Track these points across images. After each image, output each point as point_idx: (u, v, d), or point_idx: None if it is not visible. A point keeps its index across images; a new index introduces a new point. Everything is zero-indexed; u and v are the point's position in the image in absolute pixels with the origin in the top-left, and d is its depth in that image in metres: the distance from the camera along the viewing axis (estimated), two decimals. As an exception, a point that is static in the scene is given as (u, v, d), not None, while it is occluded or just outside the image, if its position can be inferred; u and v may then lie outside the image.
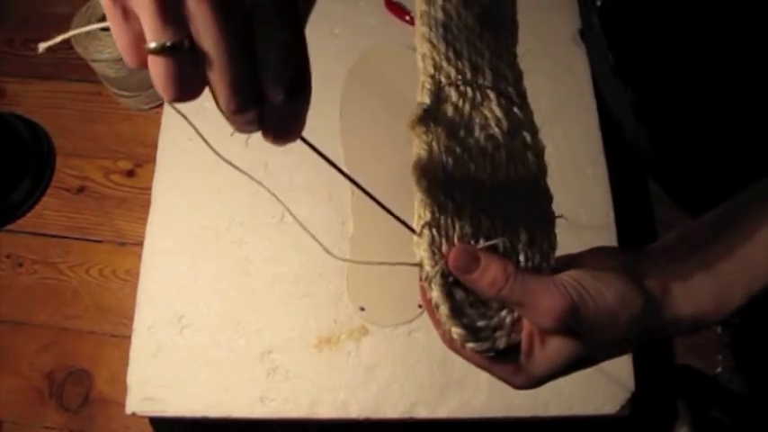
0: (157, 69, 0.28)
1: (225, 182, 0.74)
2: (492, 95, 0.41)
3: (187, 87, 0.29)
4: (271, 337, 0.67)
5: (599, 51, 0.77)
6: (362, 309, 0.67)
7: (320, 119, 0.76)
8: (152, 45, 0.27)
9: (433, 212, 0.39)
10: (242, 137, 0.80)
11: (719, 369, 0.68)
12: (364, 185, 0.48)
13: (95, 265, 0.78)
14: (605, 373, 0.63)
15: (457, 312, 0.37)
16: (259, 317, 0.68)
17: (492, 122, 0.41)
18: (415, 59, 0.79)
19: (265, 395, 0.65)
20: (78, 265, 0.78)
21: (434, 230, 0.39)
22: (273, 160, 0.75)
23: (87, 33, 0.77)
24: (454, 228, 0.39)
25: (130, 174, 0.83)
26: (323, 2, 0.84)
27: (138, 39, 0.28)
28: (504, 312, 0.38)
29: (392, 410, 0.63)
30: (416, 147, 0.41)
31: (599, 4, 0.80)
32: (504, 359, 0.39)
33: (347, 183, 0.72)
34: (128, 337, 0.68)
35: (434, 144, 0.40)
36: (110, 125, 0.86)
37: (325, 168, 0.74)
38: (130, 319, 0.69)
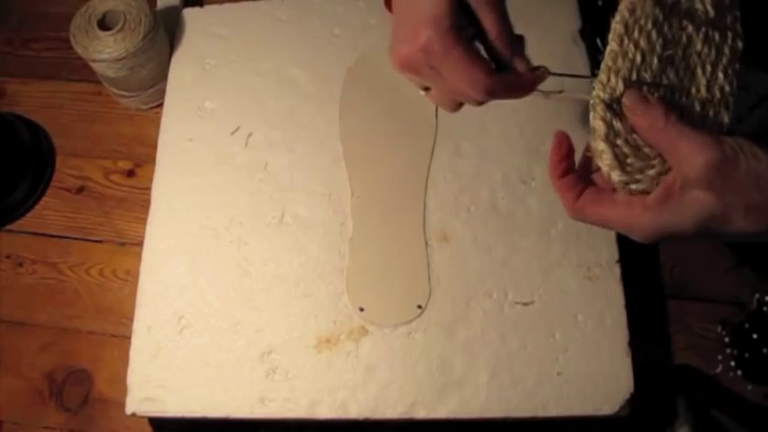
0: (432, 99, 0.51)
1: (224, 182, 0.74)
2: None
3: (451, 106, 0.52)
4: (270, 337, 0.67)
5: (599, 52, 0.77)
6: (362, 309, 0.67)
7: (320, 119, 0.76)
8: (421, 92, 0.52)
9: (615, 57, 0.43)
10: (242, 137, 0.81)
11: (719, 369, 0.68)
12: (364, 186, 0.49)
13: (95, 265, 0.78)
14: (604, 374, 0.63)
15: (611, 138, 0.41)
16: (259, 317, 0.68)
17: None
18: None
19: (265, 395, 0.65)
20: (78, 265, 0.78)
21: (612, 70, 0.42)
22: (273, 160, 0.75)
23: (87, 33, 0.77)
24: (632, 71, 0.42)
25: (130, 174, 0.83)
26: (322, 2, 0.84)
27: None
28: (656, 161, 0.41)
29: (391, 411, 0.63)
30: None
31: (600, 3, 0.80)
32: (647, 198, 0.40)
33: (347, 183, 0.73)
34: (128, 338, 0.68)
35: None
36: (110, 125, 0.86)
37: (325, 169, 0.75)
38: (130, 319, 0.69)
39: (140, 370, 0.67)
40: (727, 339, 0.69)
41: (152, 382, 0.66)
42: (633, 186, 0.41)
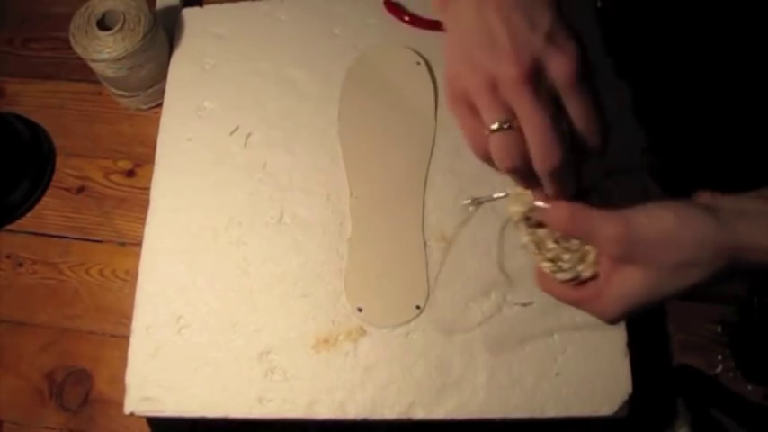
0: (496, 145, 0.38)
1: (223, 182, 0.74)
2: None
3: (518, 157, 0.38)
4: (269, 337, 0.67)
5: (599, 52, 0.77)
6: (360, 309, 0.67)
7: (319, 119, 0.76)
8: (492, 126, 0.38)
9: None
10: (241, 137, 0.81)
11: (719, 369, 0.68)
12: (363, 186, 0.49)
13: (95, 265, 0.78)
14: (602, 375, 0.63)
15: (542, 248, 0.44)
16: (257, 317, 0.68)
17: None
18: (412, 59, 0.79)
19: (263, 395, 0.65)
20: (78, 265, 0.78)
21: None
22: (272, 161, 0.75)
23: (87, 33, 0.77)
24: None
25: (130, 174, 0.83)
26: (322, 2, 0.84)
27: (480, 130, 0.39)
28: (588, 247, 0.43)
29: (390, 411, 0.63)
30: None
31: (599, 4, 0.80)
32: (590, 288, 0.43)
33: (346, 183, 0.73)
34: (128, 337, 0.69)
35: None
36: (110, 125, 0.86)
37: (324, 169, 0.75)
38: (130, 319, 0.69)
39: (139, 370, 0.67)
40: (726, 339, 0.69)
41: (151, 382, 0.66)
42: (582, 275, 0.44)
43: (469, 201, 0.63)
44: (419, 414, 0.63)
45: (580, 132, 0.38)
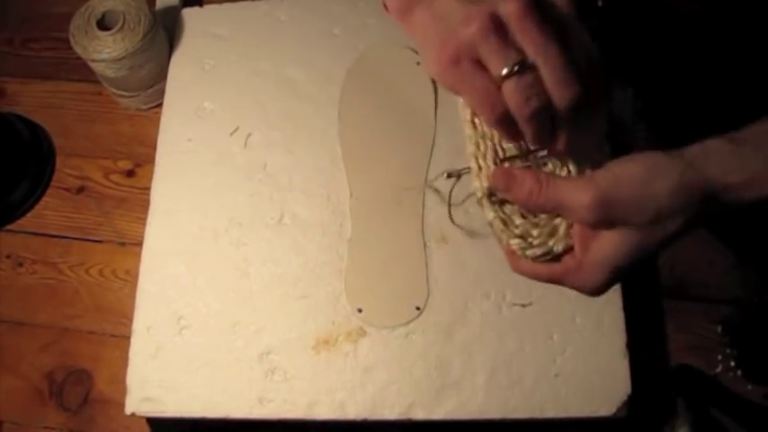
0: (514, 89, 0.35)
1: (224, 182, 0.74)
2: None
3: (539, 96, 0.35)
4: (269, 338, 0.67)
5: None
6: (360, 310, 0.67)
7: (319, 119, 0.76)
8: (504, 71, 0.34)
9: (476, 144, 0.43)
10: (241, 138, 0.81)
11: (719, 369, 0.68)
12: (362, 186, 0.49)
13: (95, 265, 0.78)
14: (602, 375, 0.63)
15: (509, 224, 0.42)
16: (257, 318, 0.68)
17: None
18: (412, 59, 0.79)
19: (263, 396, 0.65)
20: (78, 265, 0.78)
21: (479, 159, 0.43)
22: (272, 161, 0.75)
23: (86, 33, 0.77)
24: (495, 153, 0.42)
25: (130, 174, 0.83)
26: (322, 2, 0.84)
27: (488, 86, 0.35)
28: (557, 220, 0.41)
29: (389, 412, 0.63)
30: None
31: (600, 4, 0.80)
32: (568, 262, 0.41)
33: (346, 184, 0.73)
34: (128, 338, 0.69)
35: None
36: (110, 125, 0.86)
37: (324, 169, 0.75)
38: (130, 319, 0.70)
39: (140, 370, 0.67)
40: (727, 339, 0.69)
41: (151, 383, 0.66)
42: (555, 250, 0.41)
43: (445, 174, 0.58)
44: (419, 414, 0.63)
45: (586, 64, 0.36)
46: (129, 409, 0.66)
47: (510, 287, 0.67)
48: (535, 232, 0.42)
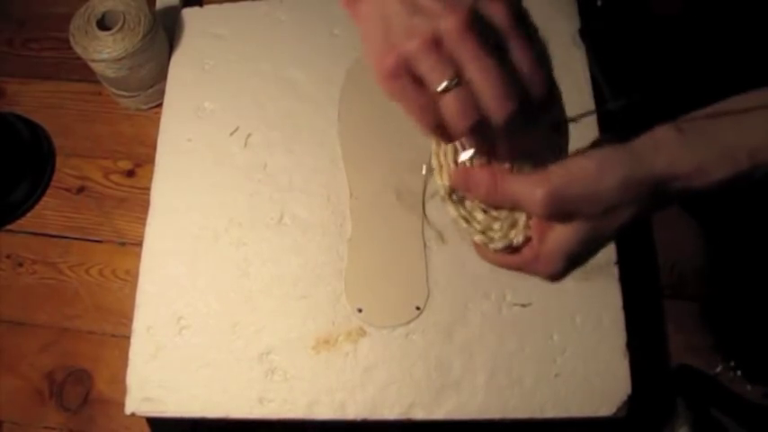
0: (449, 104, 0.36)
1: (223, 182, 0.74)
2: None
3: (474, 111, 0.36)
4: (269, 338, 0.67)
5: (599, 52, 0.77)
6: (360, 310, 0.67)
7: (319, 119, 0.76)
8: (440, 87, 0.35)
9: (437, 142, 0.44)
10: (241, 138, 0.81)
11: (719, 369, 0.68)
12: (363, 187, 0.49)
13: (95, 265, 0.78)
14: (601, 375, 0.63)
15: (471, 221, 0.44)
16: (257, 318, 0.68)
17: None
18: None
19: (263, 396, 0.65)
20: (78, 265, 0.78)
21: (440, 157, 0.44)
22: (272, 161, 0.75)
23: (86, 33, 0.77)
24: (456, 151, 0.43)
25: (130, 174, 0.83)
26: (322, 2, 0.84)
27: (425, 100, 0.36)
28: (517, 213, 0.43)
29: (389, 412, 0.63)
30: None
31: (599, 3, 0.80)
32: (526, 252, 0.43)
33: (346, 184, 0.73)
34: (128, 338, 0.69)
35: None
36: (110, 125, 0.86)
37: (324, 169, 0.75)
38: (130, 319, 0.70)
39: (140, 370, 0.67)
40: (727, 339, 0.69)
41: (151, 383, 0.66)
42: (516, 242, 0.43)
43: (424, 167, 0.60)
44: (419, 415, 0.63)
45: (525, 77, 0.36)
46: (129, 409, 0.66)
47: (510, 287, 0.67)
48: (496, 226, 0.43)
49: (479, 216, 0.44)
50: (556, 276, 0.42)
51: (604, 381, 0.63)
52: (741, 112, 0.39)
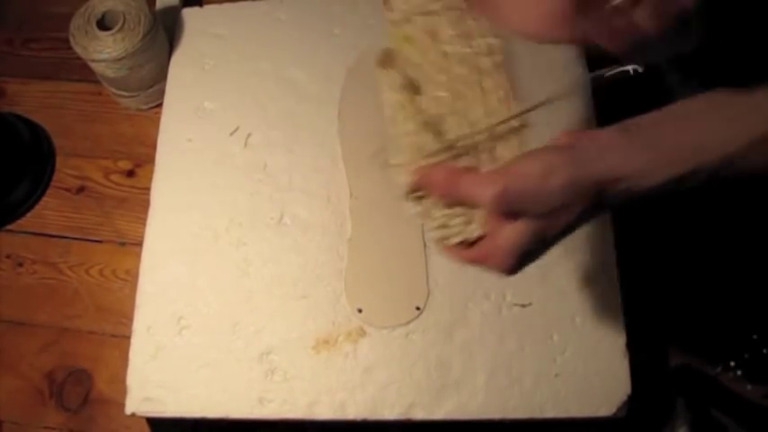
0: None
1: (224, 182, 0.74)
2: None
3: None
4: (269, 338, 0.67)
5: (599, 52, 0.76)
6: (360, 310, 0.67)
7: (319, 119, 0.76)
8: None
9: (397, 140, 0.47)
10: (241, 138, 0.81)
11: (719, 369, 0.68)
12: (363, 186, 0.50)
13: (95, 265, 0.78)
14: (601, 375, 0.63)
15: (430, 217, 0.45)
16: (257, 318, 0.68)
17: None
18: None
19: (263, 396, 0.65)
20: (78, 265, 0.78)
21: (403, 152, 0.47)
22: (272, 161, 0.75)
23: (86, 33, 0.77)
24: (416, 149, 0.46)
25: (130, 174, 0.83)
26: (322, 2, 0.84)
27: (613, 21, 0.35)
28: (473, 210, 0.44)
29: (389, 412, 0.63)
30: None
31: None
32: (481, 247, 0.44)
33: (346, 184, 0.72)
34: (128, 338, 0.69)
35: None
36: (110, 125, 0.86)
37: (324, 169, 0.75)
38: (130, 319, 0.69)
39: (140, 370, 0.67)
40: (726, 337, 0.69)
41: (151, 383, 0.66)
42: (473, 236, 0.45)
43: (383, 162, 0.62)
44: (419, 415, 0.63)
45: None
46: (129, 409, 0.66)
47: (510, 287, 0.67)
48: (453, 222, 0.45)
49: (437, 212, 0.45)
50: (509, 270, 0.43)
51: (604, 381, 0.63)
52: (686, 115, 0.41)
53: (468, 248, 0.45)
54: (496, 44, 0.47)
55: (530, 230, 0.41)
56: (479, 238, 0.44)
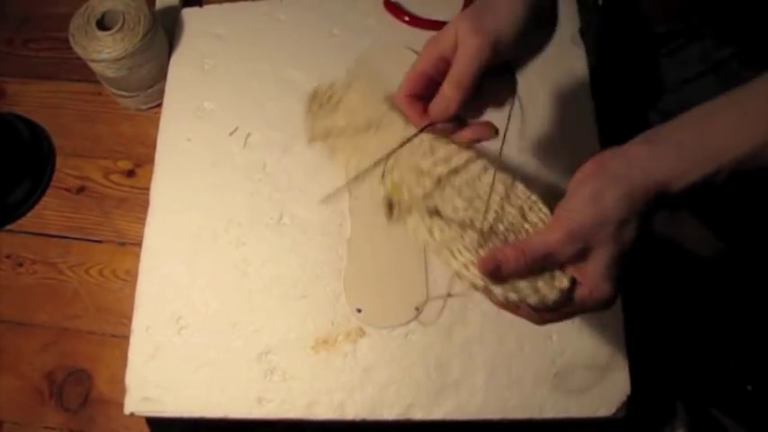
0: None
1: (223, 182, 0.74)
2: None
3: None
4: (268, 338, 0.67)
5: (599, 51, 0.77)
6: (359, 310, 0.67)
7: (318, 119, 0.76)
8: None
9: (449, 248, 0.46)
10: (240, 138, 0.81)
11: (719, 369, 0.68)
12: (363, 186, 0.50)
13: (95, 265, 0.78)
14: (600, 376, 0.63)
15: (515, 297, 0.44)
16: (256, 318, 0.68)
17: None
18: (412, 59, 0.78)
19: (263, 396, 0.65)
20: (78, 265, 0.78)
21: (458, 256, 0.46)
22: (272, 161, 0.75)
23: (86, 33, 0.77)
24: (466, 247, 0.46)
25: (130, 174, 0.83)
26: (321, 2, 0.84)
27: None
28: (547, 271, 0.44)
29: (388, 412, 0.63)
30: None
31: (600, 3, 0.80)
32: (580, 291, 0.45)
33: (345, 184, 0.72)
34: (128, 338, 0.69)
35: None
36: (110, 125, 0.86)
37: (324, 169, 0.74)
38: (130, 319, 0.70)
39: (139, 370, 0.67)
40: (726, 338, 0.69)
41: (150, 382, 0.66)
42: (548, 298, 0.44)
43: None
44: (418, 415, 0.63)
45: None
46: (128, 409, 0.66)
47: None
48: (540, 284, 0.44)
49: (521, 284, 0.44)
50: (611, 296, 0.44)
51: (603, 381, 0.63)
52: (704, 120, 0.43)
53: (568, 305, 0.45)
54: (471, 154, 0.50)
55: (609, 256, 0.42)
56: (571, 287, 0.44)
